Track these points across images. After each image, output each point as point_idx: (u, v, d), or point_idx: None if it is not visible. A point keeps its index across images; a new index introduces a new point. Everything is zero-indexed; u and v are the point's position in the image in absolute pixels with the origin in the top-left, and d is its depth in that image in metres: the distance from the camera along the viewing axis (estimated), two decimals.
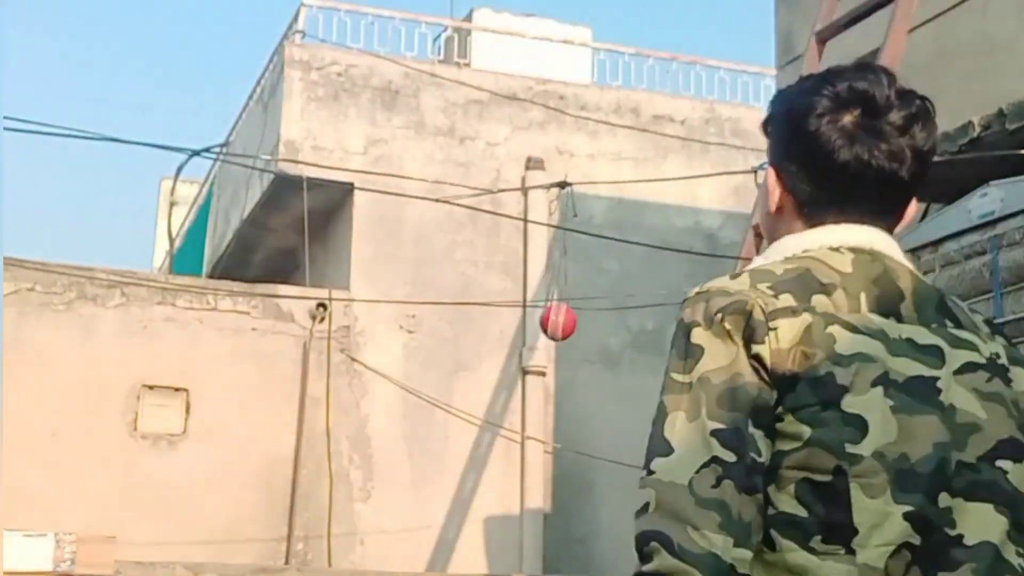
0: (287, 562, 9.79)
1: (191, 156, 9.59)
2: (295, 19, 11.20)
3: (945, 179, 5.91)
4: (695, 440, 1.60)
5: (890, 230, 1.86)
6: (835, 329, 1.65)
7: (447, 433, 10.67)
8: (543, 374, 10.87)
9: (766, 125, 1.92)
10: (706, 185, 11.70)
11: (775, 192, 1.84)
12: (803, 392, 1.61)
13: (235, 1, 42.45)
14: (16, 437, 8.73)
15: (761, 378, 1.62)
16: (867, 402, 1.61)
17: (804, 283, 1.69)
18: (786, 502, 1.61)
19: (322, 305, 10.38)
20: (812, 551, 1.59)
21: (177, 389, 9.96)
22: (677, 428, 1.61)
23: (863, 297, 1.70)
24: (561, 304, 9.74)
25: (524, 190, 11.10)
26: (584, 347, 11.06)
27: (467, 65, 11.84)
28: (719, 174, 11.37)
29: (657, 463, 1.61)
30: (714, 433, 1.59)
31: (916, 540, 1.59)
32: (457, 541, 10.52)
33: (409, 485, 10.53)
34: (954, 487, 1.63)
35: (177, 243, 14.76)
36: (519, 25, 12.84)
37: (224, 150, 13.05)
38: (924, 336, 1.70)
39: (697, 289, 1.72)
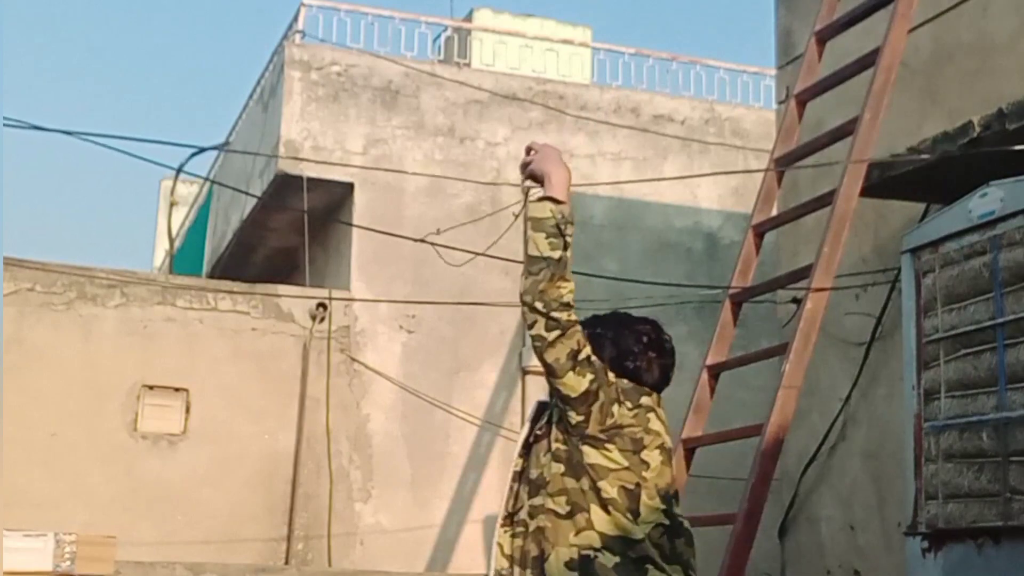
0: (287, 562, 9.79)
1: (191, 156, 9.58)
2: (295, 19, 11.20)
3: (945, 179, 5.92)
4: None
5: None
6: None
7: (447, 433, 10.67)
8: (543, 374, 10.85)
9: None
10: (706, 185, 11.71)
11: None
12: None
13: (235, 1, 42.45)
14: (16, 437, 8.74)
15: None
16: (652, 455, 3.34)
17: None
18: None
19: (322, 305, 10.38)
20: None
21: (177, 389, 9.96)
22: None
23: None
24: None
25: (524, 188, 11.08)
26: None
27: (467, 65, 11.84)
28: (716, 174, 11.38)
29: None
30: None
31: (666, 521, 3.31)
32: (457, 541, 10.52)
33: (409, 485, 10.53)
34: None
35: (177, 243, 14.77)
36: (519, 25, 12.85)
37: (224, 150, 13.06)
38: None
39: None
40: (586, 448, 3.29)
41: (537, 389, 10.81)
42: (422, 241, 8.19)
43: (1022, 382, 4.93)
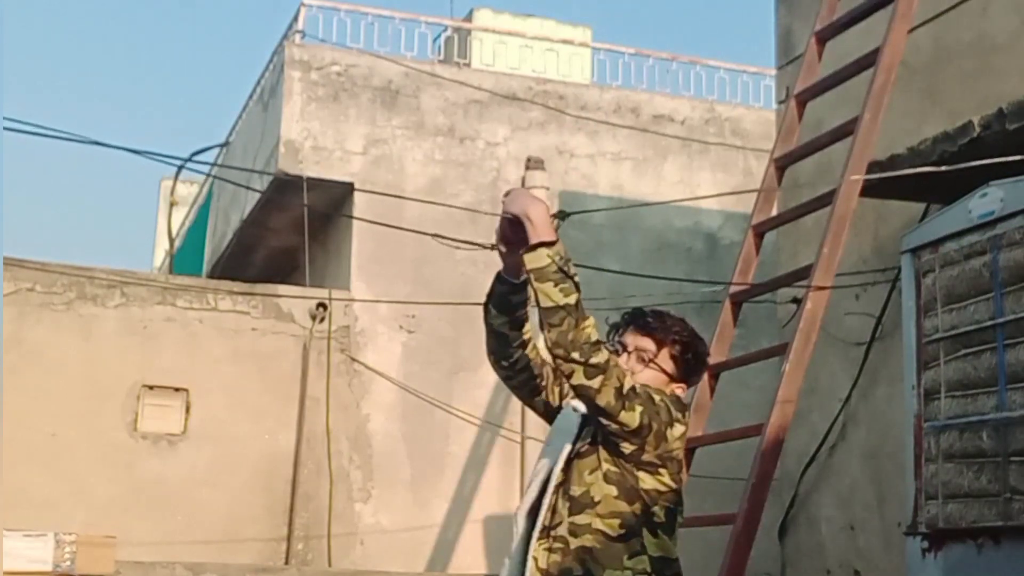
0: (287, 562, 9.79)
1: (191, 156, 9.58)
2: (295, 19, 11.20)
3: (945, 179, 5.91)
4: None
5: None
6: None
7: (447, 433, 10.67)
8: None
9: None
10: (706, 185, 11.71)
11: None
12: None
13: (235, 1, 42.45)
14: (16, 437, 8.74)
15: None
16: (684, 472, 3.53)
17: None
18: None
19: (322, 305, 10.38)
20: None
21: (177, 389, 9.96)
22: None
23: None
24: None
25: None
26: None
27: (467, 65, 11.84)
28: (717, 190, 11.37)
29: None
30: None
31: None
32: (457, 541, 10.52)
33: (409, 485, 10.53)
34: None
35: (177, 243, 14.77)
36: (519, 25, 12.85)
37: (224, 150, 13.06)
38: None
39: None
40: (642, 474, 3.28)
41: None
42: (425, 234, 8.16)
43: (1022, 382, 4.93)
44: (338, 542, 10.07)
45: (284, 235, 12.15)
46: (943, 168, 5.65)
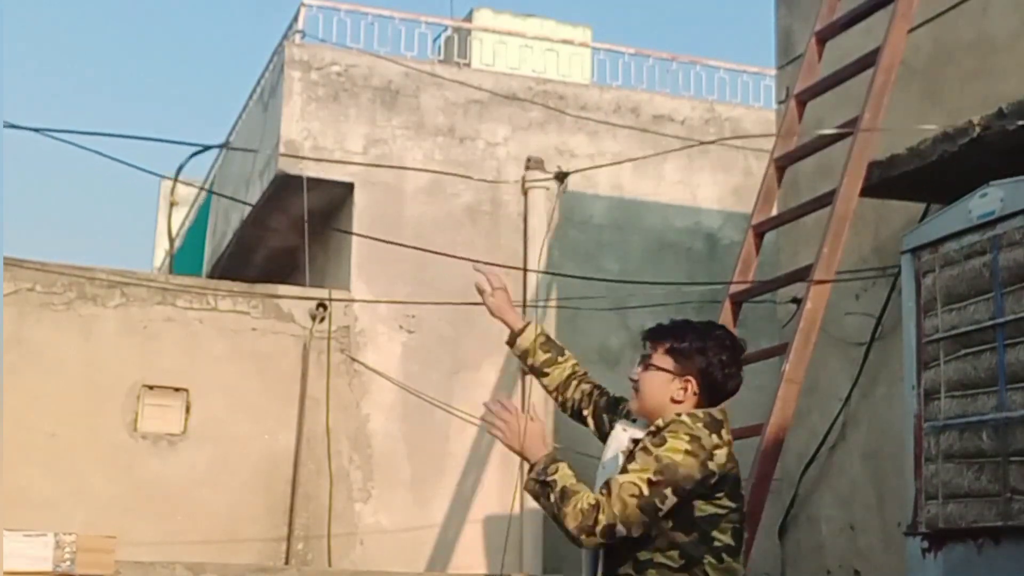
0: (287, 562, 9.79)
1: (191, 156, 9.59)
2: (295, 19, 11.19)
3: (945, 179, 5.91)
4: None
5: None
6: None
7: (447, 433, 10.66)
8: None
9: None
10: (706, 185, 11.71)
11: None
12: None
13: (235, 1, 42.45)
14: (16, 437, 8.74)
15: None
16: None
17: None
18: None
19: (322, 305, 10.38)
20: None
21: (177, 389, 9.96)
22: None
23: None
24: None
25: (524, 190, 11.09)
26: (584, 347, 11.04)
27: (467, 65, 11.84)
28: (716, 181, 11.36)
29: None
30: None
31: None
32: (457, 541, 10.51)
33: (409, 485, 10.53)
34: None
35: (177, 243, 14.76)
36: (519, 25, 12.84)
37: (224, 150, 13.05)
38: None
39: None
40: (698, 502, 3.29)
41: (537, 389, 10.79)
42: (420, 250, 8.19)
43: (1022, 382, 4.93)
44: (338, 542, 10.07)
45: (284, 235, 12.14)
46: (942, 166, 5.65)
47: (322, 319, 10.35)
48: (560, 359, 4.00)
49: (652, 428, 3.43)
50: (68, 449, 9.51)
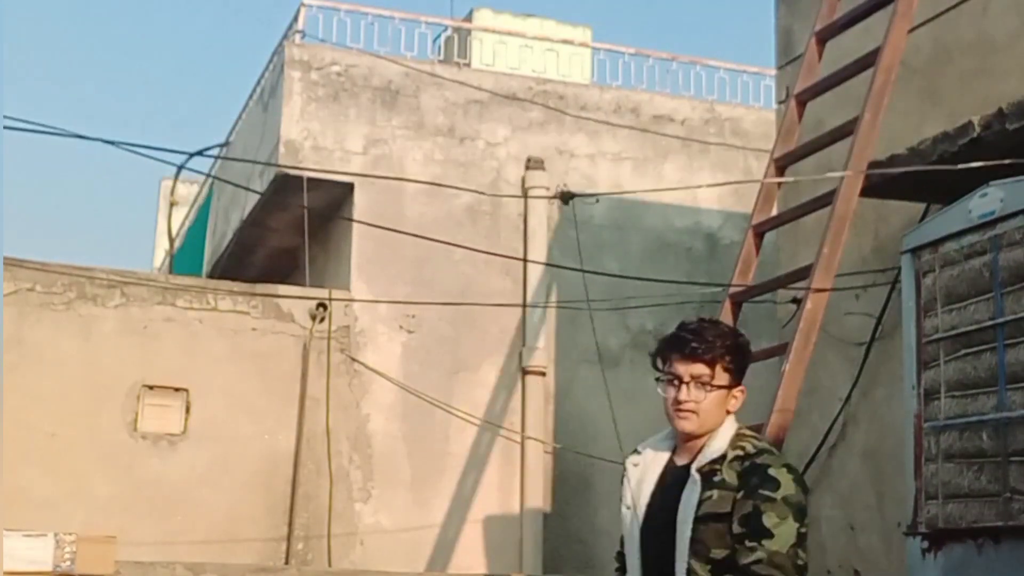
0: (287, 562, 9.79)
1: (191, 156, 9.57)
2: (295, 19, 11.20)
3: (945, 179, 5.91)
4: None
5: None
6: None
7: (447, 433, 10.66)
8: (543, 374, 10.87)
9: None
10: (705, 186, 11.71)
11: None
12: None
13: (235, 1, 42.45)
14: (16, 437, 8.73)
15: None
16: None
17: None
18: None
19: (322, 305, 10.38)
20: None
21: (177, 389, 9.96)
22: None
23: None
24: None
25: (525, 196, 11.06)
26: (584, 347, 11.05)
27: (467, 65, 11.84)
28: (719, 183, 11.37)
29: None
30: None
31: None
32: (457, 541, 10.51)
33: (409, 485, 10.53)
34: None
35: (177, 243, 14.76)
36: (519, 25, 12.84)
37: (224, 150, 13.06)
38: None
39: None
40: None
41: (537, 389, 10.81)
42: (423, 238, 8.18)
43: (1022, 382, 4.92)
44: (338, 542, 10.07)
45: (284, 235, 12.15)
46: (943, 167, 5.65)
47: (322, 319, 10.35)
48: None
49: (740, 457, 3.42)
50: (68, 449, 9.52)
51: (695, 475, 3.40)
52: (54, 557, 6.32)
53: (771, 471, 3.36)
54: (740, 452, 3.43)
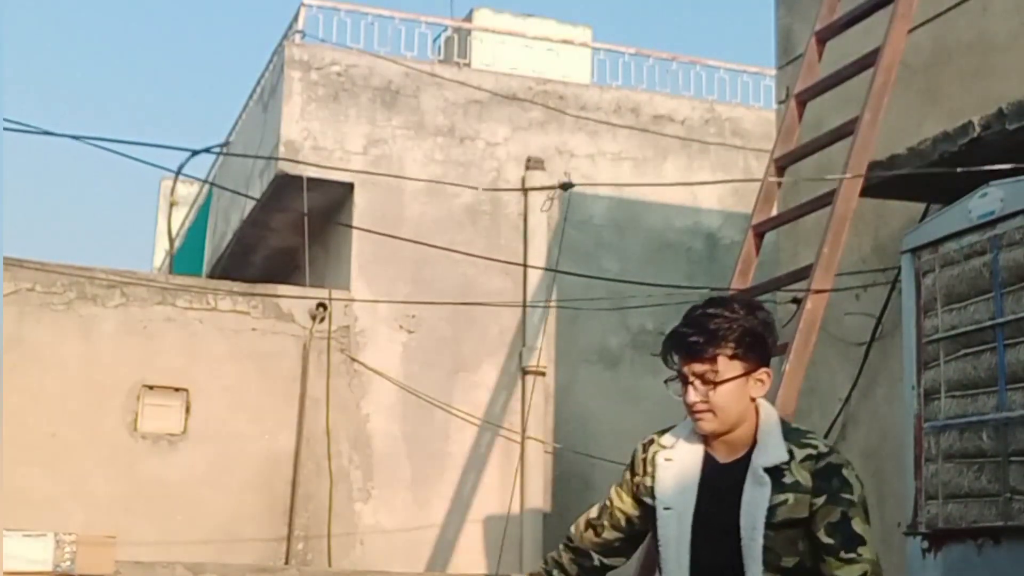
0: (287, 562, 9.79)
1: (190, 156, 9.58)
2: (295, 19, 11.20)
3: (945, 179, 5.91)
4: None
5: None
6: None
7: (447, 433, 10.67)
8: (543, 374, 10.87)
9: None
10: (706, 185, 11.71)
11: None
12: None
13: (235, 1, 42.45)
14: (16, 437, 8.74)
15: None
16: None
17: None
18: None
19: (322, 305, 10.38)
20: None
21: (177, 389, 9.97)
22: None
23: None
24: None
25: (524, 189, 11.08)
26: (584, 347, 11.05)
27: (467, 65, 11.84)
28: (719, 180, 11.37)
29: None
30: None
31: None
32: (457, 541, 10.52)
33: (409, 485, 10.54)
34: None
35: (177, 243, 14.77)
36: (519, 25, 12.84)
37: (224, 150, 13.06)
38: None
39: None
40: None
41: (537, 389, 10.82)
42: (422, 243, 8.19)
43: (1022, 382, 4.92)
44: (338, 542, 10.07)
45: (284, 235, 12.15)
46: (942, 169, 5.65)
47: (322, 319, 10.36)
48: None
49: (812, 456, 3.13)
50: (68, 449, 9.52)
51: (763, 475, 3.08)
52: (54, 557, 6.32)
53: (844, 472, 3.15)
54: (812, 451, 3.13)
